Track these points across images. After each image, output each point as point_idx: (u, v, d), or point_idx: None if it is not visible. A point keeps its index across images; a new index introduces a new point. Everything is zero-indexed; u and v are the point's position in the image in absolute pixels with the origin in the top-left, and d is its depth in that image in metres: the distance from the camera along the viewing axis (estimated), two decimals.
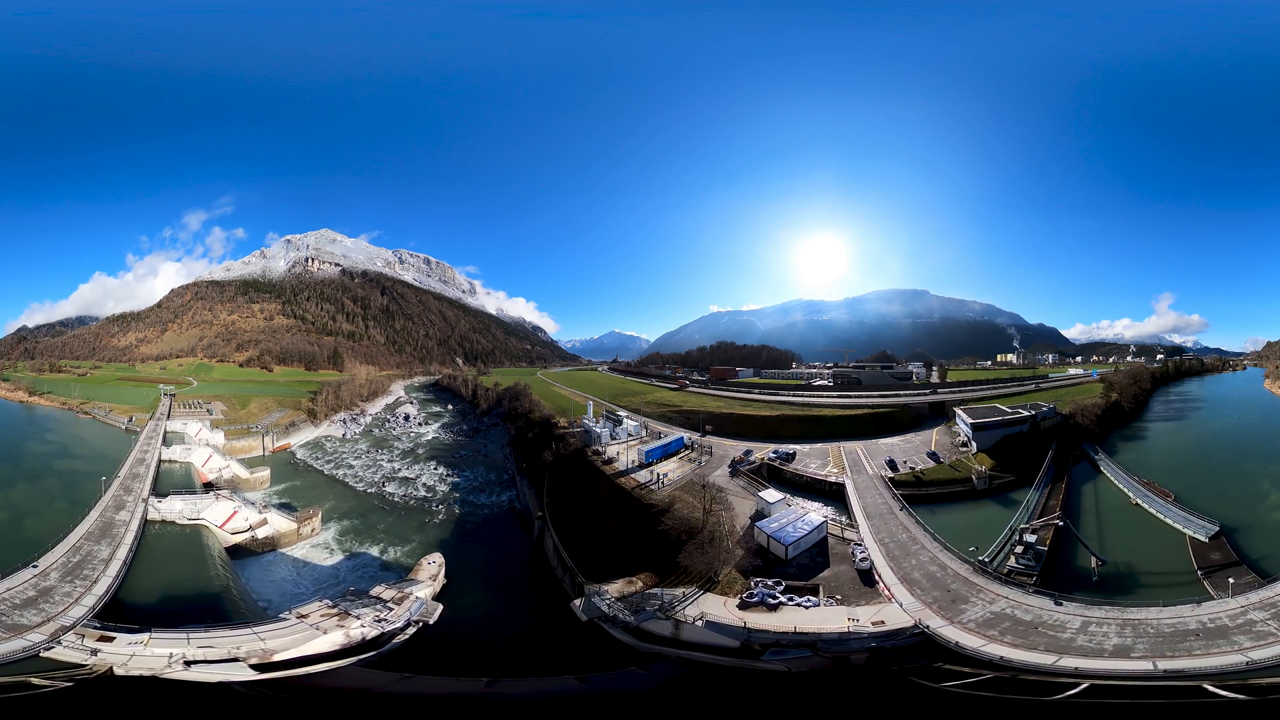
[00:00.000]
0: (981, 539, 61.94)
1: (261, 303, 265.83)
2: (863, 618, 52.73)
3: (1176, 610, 45.24)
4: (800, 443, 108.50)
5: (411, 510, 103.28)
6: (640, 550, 68.96)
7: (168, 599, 56.79)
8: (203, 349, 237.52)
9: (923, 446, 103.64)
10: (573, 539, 75.47)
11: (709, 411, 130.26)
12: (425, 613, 59.37)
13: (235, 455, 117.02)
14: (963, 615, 49.13)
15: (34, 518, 70.65)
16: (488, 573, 79.80)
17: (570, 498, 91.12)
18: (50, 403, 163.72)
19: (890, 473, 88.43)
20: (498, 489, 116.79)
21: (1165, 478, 76.97)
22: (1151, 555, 58.09)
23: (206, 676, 44.15)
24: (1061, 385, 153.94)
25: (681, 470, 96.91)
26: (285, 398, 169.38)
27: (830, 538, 70.32)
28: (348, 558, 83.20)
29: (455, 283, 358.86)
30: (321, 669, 48.65)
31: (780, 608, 55.78)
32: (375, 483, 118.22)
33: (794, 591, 58.33)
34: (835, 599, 57.49)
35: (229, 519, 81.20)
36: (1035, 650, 42.51)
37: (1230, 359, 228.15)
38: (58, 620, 47.08)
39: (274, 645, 49.22)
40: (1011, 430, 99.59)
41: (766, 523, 70.94)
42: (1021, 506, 72.83)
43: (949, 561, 59.32)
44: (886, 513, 73.41)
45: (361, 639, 53.34)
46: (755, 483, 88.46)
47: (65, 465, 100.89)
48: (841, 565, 64.24)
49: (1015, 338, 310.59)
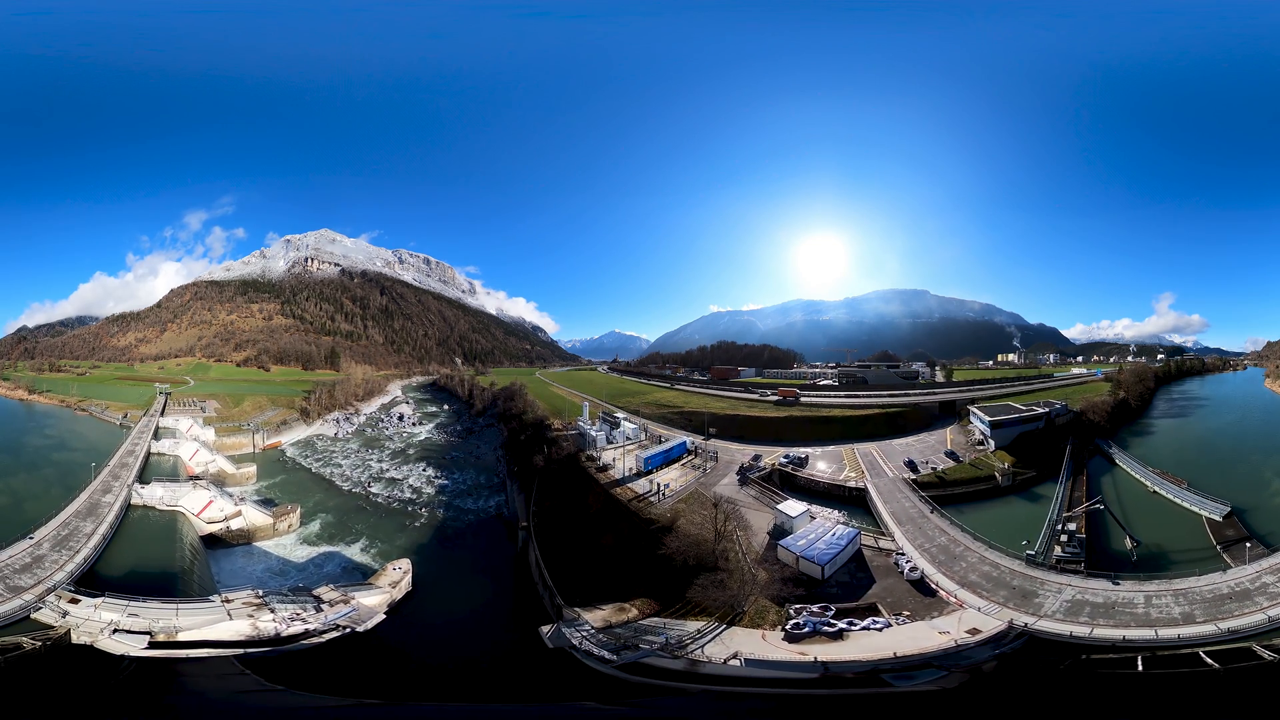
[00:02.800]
0: (1017, 534, 63.00)
1: (260, 303, 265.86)
2: (950, 629, 49.59)
3: (1210, 578, 50.61)
4: (810, 445, 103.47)
5: (393, 512, 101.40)
6: (636, 572, 62.23)
7: (133, 574, 61.04)
8: (201, 349, 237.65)
9: (938, 446, 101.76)
10: (558, 554, 69.08)
11: (712, 413, 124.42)
12: (356, 619, 57.03)
13: (225, 452, 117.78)
14: (1042, 609, 49.72)
15: (32, 502, 75.62)
16: (462, 584, 75.35)
17: (560, 507, 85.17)
18: (49, 400, 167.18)
19: (911, 474, 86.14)
20: (486, 493, 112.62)
21: (1175, 469, 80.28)
22: (1175, 535, 62.70)
23: (110, 646, 46.77)
24: (1067, 384, 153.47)
25: (685, 479, 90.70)
26: (280, 397, 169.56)
27: (863, 549, 65.33)
28: (319, 556, 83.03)
29: (455, 283, 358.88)
30: (197, 654, 48.97)
31: (844, 634, 49.73)
32: (361, 482, 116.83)
33: (849, 615, 52.58)
34: (904, 615, 52.70)
35: (205, 508, 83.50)
36: (1129, 627, 45.55)
37: (1230, 359, 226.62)
38: (45, 583, 53.52)
39: (184, 624, 51.47)
40: (1027, 427, 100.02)
41: (791, 540, 64.11)
42: (1054, 499, 74.96)
43: (999, 559, 59.23)
44: (918, 517, 71.24)
45: (274, 634, 52.51)
46: (768, 492, 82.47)
47: (62, 457, 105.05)
48: (888, 579, 59.41)
49: (1016, 336, 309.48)
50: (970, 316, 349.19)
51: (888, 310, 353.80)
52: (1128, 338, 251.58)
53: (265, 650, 51.22)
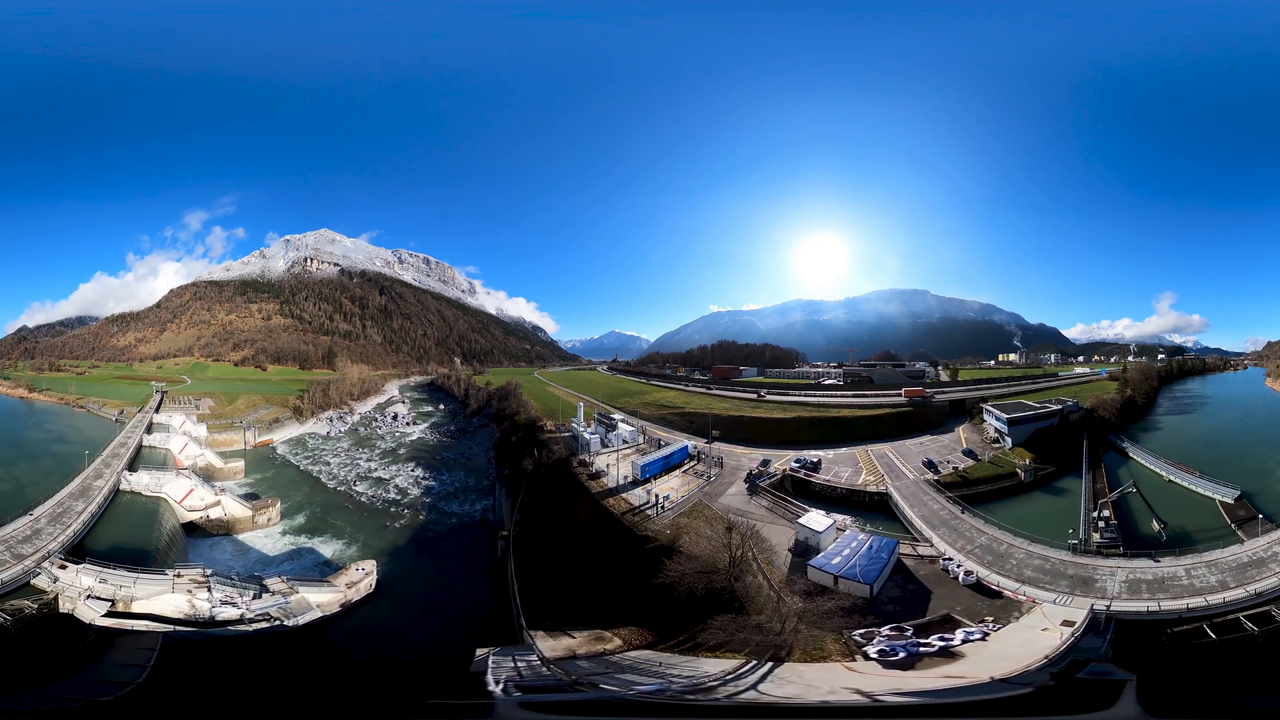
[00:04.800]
0: (1048, 527, 65.25)
1: (260, 303, 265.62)
2: (1046, 624, 47.95)
3: (1231, 550, 56.53)
4: (821, 448, 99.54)
5: (375, 512, 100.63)
6: (625, 596, 56.43)
7: (114, 549, 66.16)
8: (200, 349, 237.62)
9: (953, 445, 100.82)
10: (537, 569, 64.27)
11: (715, 414, 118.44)
12: (287, 611, 57.58)
13: (217, 448, 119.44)
14: (1107, 591, 51.95)
15: (32, 487, 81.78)
16: (432, 592, 72.19)
17: (545, 517, 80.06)
18: (49, 398, 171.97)
19: (932, 475, 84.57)
20: (474, 496, 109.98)
21: (1185, 461, 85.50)
22: (1193, 517, 68.28)
23: (84, 613, 51.98)
24: (1072, 383, 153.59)
25: (687, 488, 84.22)
26: (274, 395, 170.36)
27: (902, 558, 62.17)
28: (293, 550, 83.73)
29: (455, 282, 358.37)
30: (135, 626, 52.24)
31: (951, 651, 45.32)
32: (347, 481, 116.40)
33: (931, 630, 48.61)
34: (987, 620, 49.99)
35: (186, 495, 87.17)
36: (1183, 598, 49.20)
37: (1231, 359, 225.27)
38: (42, 552, 60.35)
39: (139, 593, 56.10)
40: (1042, 424, 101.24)
41: (824, 560, 58.11)
42: (1082, 490, 78.09)
43: (1045, 552, 60.15)
44: (950, 519, 69.90)
45: (207, 615, 55.36)
46: (782, 502, 76.59)
47: (60, 449, 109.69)
48: (942, 586, 56.35)
49: (1016, 336, 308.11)
50: (970, 316, 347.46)
51: (887, 310, 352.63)
52: (1128, 338, 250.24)
53: (192, 632, 53.16)
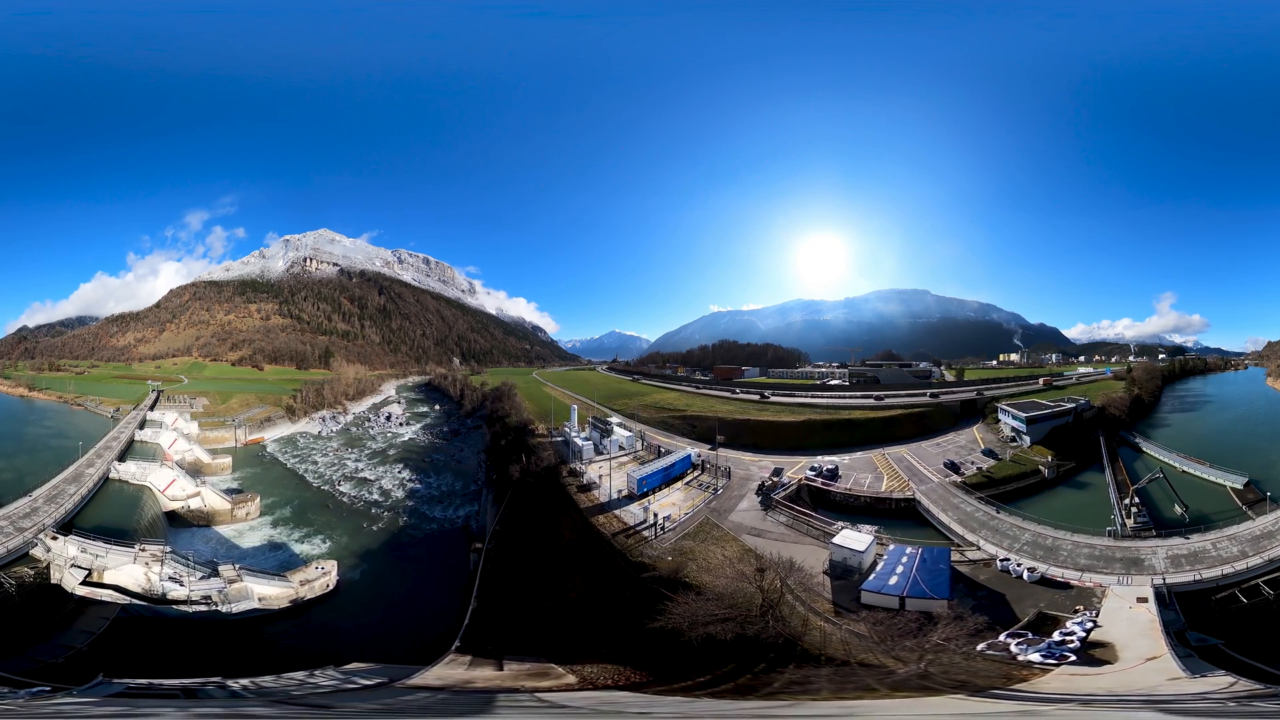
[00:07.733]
0: (1080, 518, 69.60)
1: (259, 303, 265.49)
2: (1130, 604, 51.14)
3: (1246, 525, 63.98)
4: (834, 452, 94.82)
5: (356, 513, 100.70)
6: (612, 630, 49.03)
7: (99, 527, 73.48)
8: (199, 348, 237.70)
9: (970, 446, 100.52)
10: (507, 590, 58.20)
11: (719, 417, 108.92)
12: (225, 597, 61.89)
13: (208, 445, 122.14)
14: (1155, 568, 56.83)
15: (32, 476, 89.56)
16: (398, 599, 69.42)
17: (526, 532, 73.17)
18: (48, 397, 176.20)
19: (956, 476, 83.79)
20: (459, 501, 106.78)
21: (1194, 454, 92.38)
22: (1208, 501, 75.22)
23: (68, 583, 58.57)
24: (1078, 382, 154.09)
25: (691, 503, 75.56)
26: (269, 395, 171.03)
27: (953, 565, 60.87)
28: (267, 544, 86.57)
29: (455, 282, 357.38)
30: (101, 596, 58.40)
31: (1086, 645, 45.37)
32: (331, 480, 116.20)
33: (1037, 630, 47.85)
34: (1079, 610, 51.23)
35: (169, 485, 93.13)
36: (1216, 566, 55.36)
37: (1231, 358, 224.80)
38: (38, 525, 69.43)
39: (109, 563, 62.68)
40: (1058, 422, 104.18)
41: (879, 582, 53.94)
42: (1108, 482, 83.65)
43: (1090, 540, 64.08)
44: (987, 519, 70.38)
45: (160, 591, 60.78)
46: (803, 517, 69.84)
47: (58, 443, 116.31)
48: (1010, 588, 56.27)
49: (1017, 335, 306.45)
50: (970, 316, 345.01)
51: (887, 310, 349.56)
52: (1129, 338, 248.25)
53: (144, 608, 57.47)
